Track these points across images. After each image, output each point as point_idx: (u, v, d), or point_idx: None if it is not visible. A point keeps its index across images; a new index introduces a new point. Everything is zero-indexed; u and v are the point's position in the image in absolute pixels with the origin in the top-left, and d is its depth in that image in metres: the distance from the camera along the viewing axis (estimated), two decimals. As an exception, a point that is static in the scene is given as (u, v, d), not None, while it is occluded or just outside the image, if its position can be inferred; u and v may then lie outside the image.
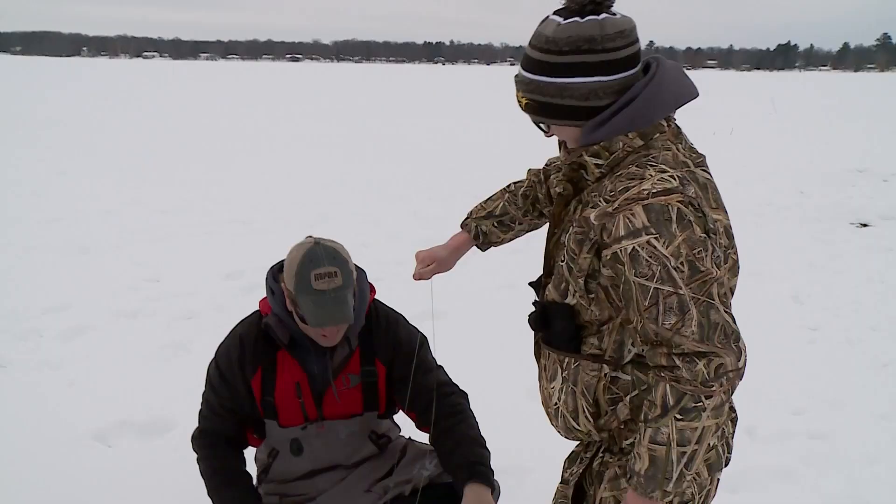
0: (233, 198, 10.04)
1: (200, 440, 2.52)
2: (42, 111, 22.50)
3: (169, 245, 7.60)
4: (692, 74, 1.88)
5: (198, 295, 6.02)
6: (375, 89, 41.82)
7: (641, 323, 1.57)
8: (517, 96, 1.72)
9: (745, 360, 1.55)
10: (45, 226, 8.29)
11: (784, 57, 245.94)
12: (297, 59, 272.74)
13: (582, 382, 1.77)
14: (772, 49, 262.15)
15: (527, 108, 1.71)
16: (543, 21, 1.65)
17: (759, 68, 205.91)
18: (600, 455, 1.84)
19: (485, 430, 2.45)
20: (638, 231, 1.51)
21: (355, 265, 2.42)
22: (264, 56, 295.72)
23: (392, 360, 2.48)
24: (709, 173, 1.72)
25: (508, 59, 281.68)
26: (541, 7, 1.66)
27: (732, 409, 1.88)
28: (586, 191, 1.69)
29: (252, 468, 2.60)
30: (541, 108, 1.68)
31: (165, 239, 7.86)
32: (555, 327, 1.77)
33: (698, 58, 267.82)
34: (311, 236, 2.35)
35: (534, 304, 1.89)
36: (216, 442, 2.50)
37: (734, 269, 1.72)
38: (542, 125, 1.76)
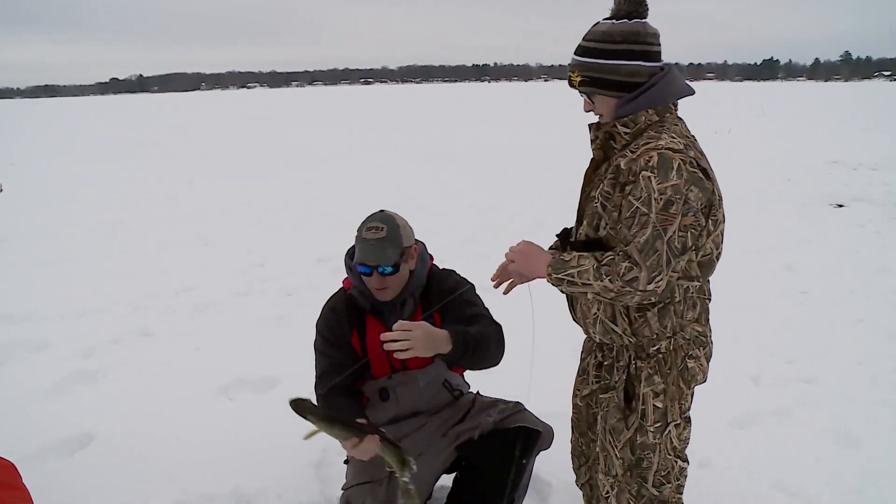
0: (322, 197, 10.12)
1: (322, 385, 2.33)
2: (174, 135, 23.03)
3: (272, 236, 7.70)
4: (695, 84, 1.95)
5: (296, 276, 6.07)
6: (435, 105, 41.65)
7: (621, 226, 1.77)
8: (571, 77, 1.88)
9: (654, 290, 1.71)
10: (178, 223, 8.49)
11: (769, 70, 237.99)
12: (369, 83, 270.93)
13: None
14: (759, 63, 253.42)
15: (581, 84, 1.86)
16: (596, 24, 1.83)
17: (749, 79, 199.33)
18: (633, 361, 1.93)
19: (536, 381, 2.39)
20: (647, 168, 1.70)
21: (418, 241, 2.40)
22: (342, 81, 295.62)
23: (444, 306, 2.35)
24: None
25: (542, 76, 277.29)
26: (566, 35, 1.75)
27: (711, 341, 1.99)
28: (613, 157, 1.85)
29: None
30: (594, 82, 1.83)
31: (269, 231, 7.96)
32: None
33: (699, 71, 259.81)
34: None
35: (567, 245, 2.00)
36: (337, 390, 2.33)
37: (721, 204, 1.84)
38: (590, 98, 1.88)
